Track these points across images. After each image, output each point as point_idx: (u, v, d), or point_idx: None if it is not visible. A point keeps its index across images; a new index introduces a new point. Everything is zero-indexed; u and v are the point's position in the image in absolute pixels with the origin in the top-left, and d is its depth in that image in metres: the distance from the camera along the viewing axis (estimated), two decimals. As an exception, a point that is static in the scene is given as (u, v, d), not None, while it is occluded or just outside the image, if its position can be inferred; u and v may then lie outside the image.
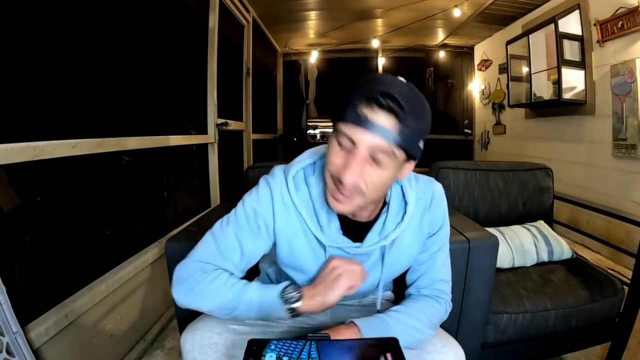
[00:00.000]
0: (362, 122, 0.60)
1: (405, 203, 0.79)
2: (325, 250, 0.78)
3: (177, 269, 0.76)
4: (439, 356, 0.78)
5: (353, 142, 0.62)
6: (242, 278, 0.77)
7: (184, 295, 0.74)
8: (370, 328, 0.73)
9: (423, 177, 0.84)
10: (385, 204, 0.79)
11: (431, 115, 0.65)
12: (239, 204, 0.79)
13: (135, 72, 1.67)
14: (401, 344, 0.59)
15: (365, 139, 0.61)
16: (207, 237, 0.78)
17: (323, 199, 0.74)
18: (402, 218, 0.78)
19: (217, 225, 0.79)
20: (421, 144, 0.66)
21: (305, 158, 0.79)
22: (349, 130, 0.62)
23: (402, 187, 0.79)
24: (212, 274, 0.73)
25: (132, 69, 1.65)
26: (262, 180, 0.79)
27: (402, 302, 0.83)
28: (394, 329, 0.74)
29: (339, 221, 0.77)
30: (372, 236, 0.78)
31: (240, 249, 0.76)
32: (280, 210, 0.76)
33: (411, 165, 0.70)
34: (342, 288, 0.71)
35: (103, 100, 1.44)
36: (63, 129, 1.19)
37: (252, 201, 0.77)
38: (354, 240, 0.78)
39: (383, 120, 0.60)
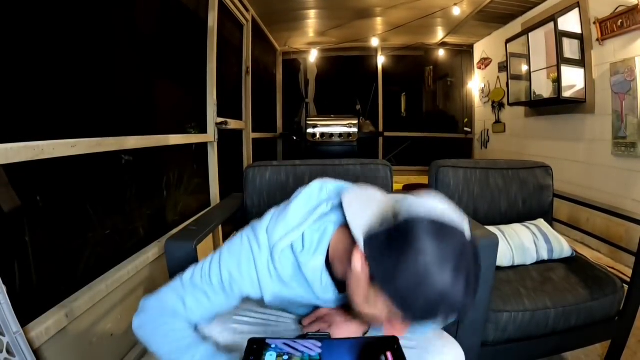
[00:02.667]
0: (416, 325, 0.59)
1: None
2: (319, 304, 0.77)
3: (142, 301, 0.74)
4: (439, 356, 0.78)
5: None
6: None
7: (137, 327, 0.72)
8: None
9: None
10: None
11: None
12: (215, 261, 0.72)
13: (134, 72, 1.67)
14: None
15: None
16: (176, 283, 0.73)
17: (317, 276, 0.70)
18: None
19: (188, 273, 0.74)
20: None
21: (294, 228, 0.70)
22: (401, 325, 0.59)
23: None
24: (168, 319, 0.70)
25: (131, 68, 1.64)
26: (245, 243, 0.72)
27: None
28: None
29: (335, 289, 0.73)
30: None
31: (210, 305, 0.72)
32: (267, 280, 0.71)
33: None
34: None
35: (102, 99, 1.44)
36: (62, 129, 1.19)
37: (232, 267, 0.71)
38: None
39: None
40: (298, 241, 0.70)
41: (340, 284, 0.71)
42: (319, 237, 0.69)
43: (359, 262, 0.60)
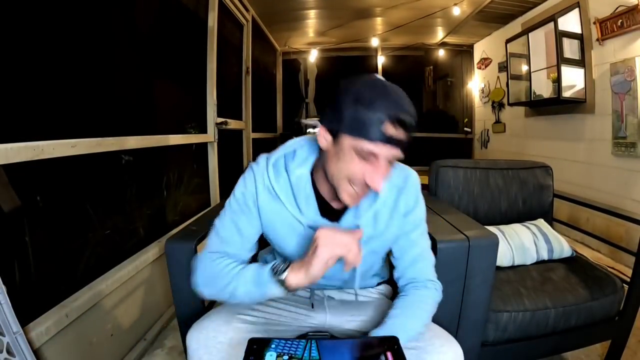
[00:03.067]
0: (387, 140, 0.68)
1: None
2: (304, 230, 0.84)
3: (193, 261, 0.85)
4: (438, 355, 0.78)
5: (376, 157, 0.70)
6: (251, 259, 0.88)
7: (199, 284, 0.82)
8: None
9: (398, 165, 0.87)
10: None
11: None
12: (231, 194, 0.88)
13: (134, 72, 1.67)
14: (403, 342, 0.64)
15: (390, 153, 0.70)
16: (212, 230, 0.87)
17: (302, 184, 0.82)
18: (375, 200, 0.83)
19: (217, 217, 0.88)
20: None
21: (287, 147, 0.86)
22: (374, 148, 0.68)
23: None
24: (217, 261, 0.81)
25: (131, 68, 1.64)
26: (248, 167, 0.88)
27: (398, 299, 0.86)
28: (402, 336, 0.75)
29: (317, 204, 0.83)
30: (347, 216, 0.84)
31: (239, 232, 0.84)
32: (262, 193, 0.83)
33: None
34: (320, 257, 0.69)
35: (102, 99, 1.44)
36: (62, 129, 1.19)
37: (240, 187, 0.86)
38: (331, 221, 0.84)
39: (403, 136, 0.69)
40: (290, 154, 0.85)
41: (322, 206, 0.83)
42: (307, 154, 0.83)
43: (321, 135, 0.74)
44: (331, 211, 0.84)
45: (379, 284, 1.03)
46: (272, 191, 0.83)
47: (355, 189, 0.74)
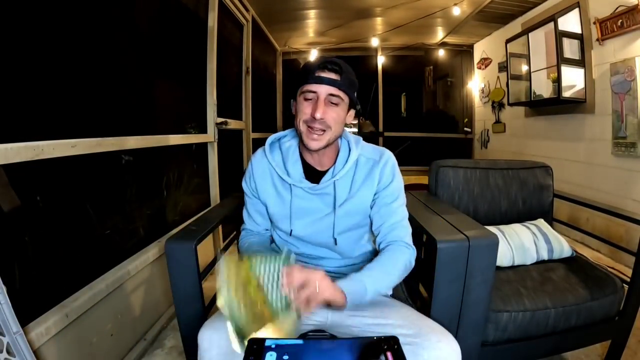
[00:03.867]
0: (319, 79, 0.91)
1: (349, 151, 1.03)
2: (291, 192, 1.02)
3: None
4: (434, 351, 0.78)
5: (315, 94, 0.92)
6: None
7: (241, 246, 1.12)
8: (352, 292, 0.85)
9: (374, 145, 1.08)
10: (336, 159, 1.04)
11: (356, 79, 0.98)
12: None
13: (134, 72, 1.67)
14: (376, 291, 0.89)
15: (323, 88, 0.92)
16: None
17: (291, 152, 1.04)
18: (346, 161, 1.01)
19: None
20: (355, 96, 0.98)
21: (285, 131, 1.10)
22: (311, 87, 0.92)
23: (348, 142, 1.04)
24: (242, 237, 1.14)
25: (131, 68, 1.64)
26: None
27: (376, 257, 0.98)
28: (370, 287, 0.88)
29: (302, 167, 1.02)
30: (326, 177, 1.01)
31: (250, 212, 1.12)
32: (258, 165, 1.07)
33: (352, 112, 1.01)
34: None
35: (102, 99, 1.44)
36: (62, 129, 1.19)
37: (246, 173, 1.11)
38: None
39: (331, 75, 0.92)
40: (284, 134, 1.10)
41: (307, 170, 1.03)
42: (296, 132, 1.02)
43: (292, 106, 1.01)
44: (314, 174, 1.02)
45: None
46: (265, 160, 1.05)
47: (308, 126, 0.93)
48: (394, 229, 1.01)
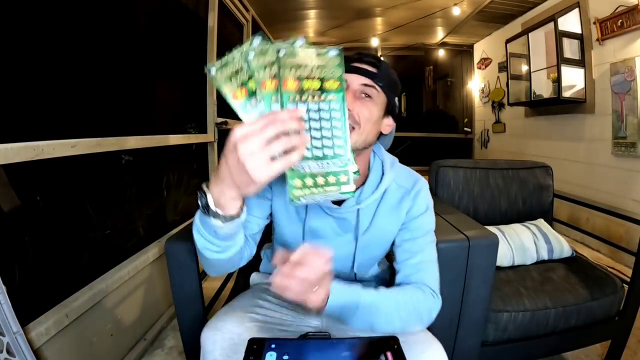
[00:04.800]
0: (353, 69, 0.79)
1: (383, 174, 0.88)
2: (306, 210, 0.86)
3: None
4: None
5: (348, 84, 0.78)
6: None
7: None
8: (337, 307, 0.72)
9: (409, 169, 0.94)
10: (366, 179, 0.89)
11: (401, 89, 0.86)
12: None
13: (134, 72, 1.67)
14: (367, 322, 0.74)
15: (355, 78, 0.79)
16: None
17: None
18: (377, 187, 0.86)
19: None
20: (396, 102, 0.84)
21: None
22: (345, 76, 0.70)
23: (382, 162, 0.90)
24: None
25: (131, 68, 1.64)
26: None
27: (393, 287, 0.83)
28: (362, 314, 0.74)
29: None
30: (350, 201, 0.85)
31: (255, 212, 0.86)
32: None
33: (390, 121, 0.86)
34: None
35: (102, 99, 1.44)
36: (62, 129, 1.19)
37: None
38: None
39: (367, 66, 0.80)
40: None
41: None
42: None
43: None
44: None
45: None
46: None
47: None
48: (420, 269, 0.85)
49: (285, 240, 0.90)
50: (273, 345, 0.56)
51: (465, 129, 5.28)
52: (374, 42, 5.03)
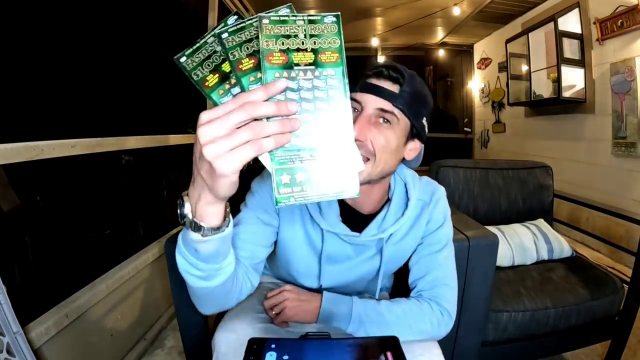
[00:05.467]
0: (369, 87, 0.68)
1: (407, 199, 0.80)
2: (322, 238, 0.77)
3: None
4: None
5: (359, 105, 0.68)
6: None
7: None
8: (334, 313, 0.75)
9: (426, 178, 0.86)
10: (387, 200, 0.81)
11: (432, 103, 0.73)
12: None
13: (134, 72, 1.67)
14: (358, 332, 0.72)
15: (371, 100, 0.68)
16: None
17: None
18: (403, 214, 0.78)
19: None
20: (424, 122, 0.72)
21: None
22: (358, 96, 0.68)
23: (405, 184, 0.81)
24: None
25: (131, 68, 1.64)
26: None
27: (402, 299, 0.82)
28: (357, 321, 0.75)
29: (339, 208, 0.77)
30: (371, 228, 0.78)
31: (253, 240, 0.75)
32: None
33: (416, 145, 0.74)
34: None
35: (102, 99, 1.44)
36: (62, 129, 1.19)
37: (258, 182, 0.79)
38: (353, 231, 0.77)
39: (386, 85, 0.68)
40: None
41: (345, 212, 0.78)
42: None
43: None
44: (353, 220, 0.78)
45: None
46: None
47: None
48: (435, 286, 0.80)
49: (297, 269, 0.83)
50: (273, 345, 0.56)
51: (465, 129, 5.28)
52: (374, 42, 5.03)
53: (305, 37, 0.44)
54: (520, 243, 1.47)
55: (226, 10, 2.92)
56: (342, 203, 0.78)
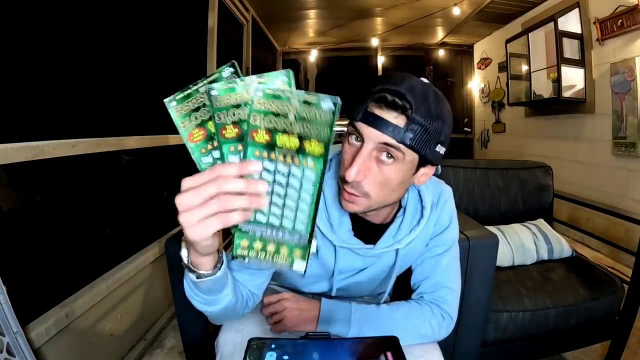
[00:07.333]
0: (370, 119, 0.58)
1: (422, 207, 0.76)
2: (335, 255, 0.75)
3: None
4: None
5: (362, 139, 0.59)
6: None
7: None
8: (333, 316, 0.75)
9: (435, 180, 0.83)
10: (400, 207, 0.77)
11: (451, 120, 0.62)
12: None
13: (134, 72, 1.67)
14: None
15: (372, 134, 0.58)
16: None
17: (336, 199, 0.71)
18: (418, 222, 0.75)
19: None
20: (440, 149, 0.62)
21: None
22: (359, 127, 0.59)
23: (419, 190, 0.77)
24: None
25: (131, 68, 1.64)
26: None
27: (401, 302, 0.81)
28: (355, 324, 0.75)
29: (351, 222, 0.74)
30: (386, 239, 0.75)
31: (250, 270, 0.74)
32: None
33: (429, 170, 0.67)
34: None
35: (102, 99, 1.44)
36: (62, 129, 1.19)
37: None
38: (366, 242, 0.75)
39: (390, 116, 0.57)
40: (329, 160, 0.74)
41: (357, 225, 0.74)
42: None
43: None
44: (366, 231, 0.75)
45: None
46: None
47: (344, 186, 0.62)
48: (437, 289, 0.79)
49: (306, 283, 0.82)
50: (273, 345, 0.56)
51: (465, 129, 5.28)
52: (374, 42, 5.03)
53: (295, 119, 0.41)
54: (520, 243, 1.47)
55: (226, 10, 2.92)
56: (353, 215, 0.73)
